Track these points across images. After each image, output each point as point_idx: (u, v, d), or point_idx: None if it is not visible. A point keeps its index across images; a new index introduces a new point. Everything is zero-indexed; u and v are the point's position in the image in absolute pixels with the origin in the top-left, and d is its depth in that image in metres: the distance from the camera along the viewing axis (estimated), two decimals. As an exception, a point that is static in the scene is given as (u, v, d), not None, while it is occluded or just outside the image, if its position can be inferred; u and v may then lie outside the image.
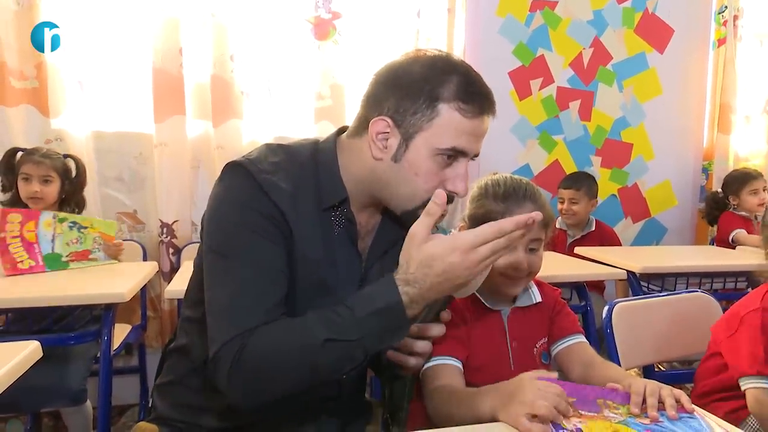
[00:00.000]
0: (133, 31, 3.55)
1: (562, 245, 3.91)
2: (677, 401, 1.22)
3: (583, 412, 1.16)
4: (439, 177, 1.32)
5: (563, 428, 1.10)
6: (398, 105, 1.28)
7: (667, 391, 1.22)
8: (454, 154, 1.31)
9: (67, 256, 2.72)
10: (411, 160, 1.30)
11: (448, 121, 1.27)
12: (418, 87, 1.27)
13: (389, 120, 1.29)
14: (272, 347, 1.21)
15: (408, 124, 1.28)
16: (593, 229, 3.99)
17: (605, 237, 3.98)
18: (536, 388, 1.17)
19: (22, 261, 2.59)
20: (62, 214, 2.74)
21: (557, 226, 3.95)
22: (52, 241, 2.68)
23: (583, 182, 3.95)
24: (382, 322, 1.19)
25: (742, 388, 1.75)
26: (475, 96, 1.28)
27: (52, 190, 2.88)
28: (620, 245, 4.08)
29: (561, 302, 1.75)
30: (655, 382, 1.26)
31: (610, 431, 1.10)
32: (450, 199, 1.36)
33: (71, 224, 2.74)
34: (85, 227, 2.78)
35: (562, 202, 3.95)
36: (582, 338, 1.68)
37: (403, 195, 1.35)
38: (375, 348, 1.22)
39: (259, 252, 1.28)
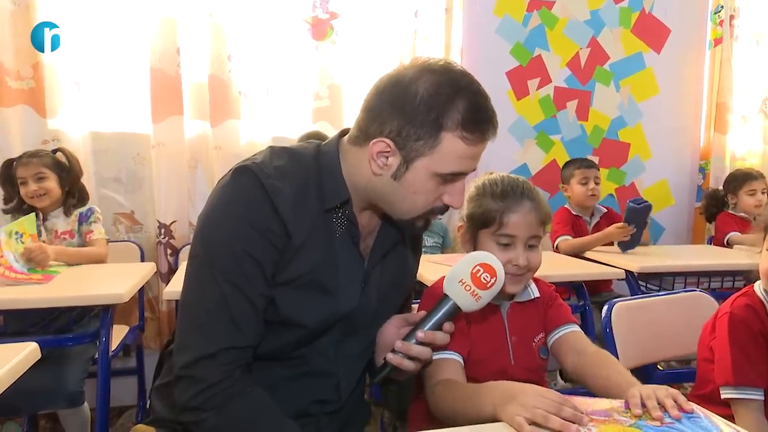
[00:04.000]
0: (130, 31, 3.55)
1: (585, 232, 3.85)
2: (675, 401, 1.21)
3: (593, 417, 1.16)
4: (437, 193, 1.35)
5: None
6: (401, 129, 1.27)
7: (664, 392, 1.22)
8: (453, 177, 1.33)
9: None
10: (410, 181, 1.31)
11: (450, 149, 1.28)
12: (423, 114, 1.25)
13: (390, 142, 1.28)
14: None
15: (410, 148, 1.28)
16: (605, 211, 3.97)
17: (617, 219, 3.93)
18: (539, 393, 1.16)
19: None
20: (6, 228, 2.60)
21: (574, 213, 3.89)
22: (17, 261, 2.57)
23: (592, 163, 3.93)
24: None
25: (722, 397, 1.73)
26: (478, 124, 1.28)
27: (51, 185, 2.92)
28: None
29: (554, 295, 1.75)
30: (650, 386, 1.25)
31: None
32: (445, 209, 1.39)
33: (16, 235, 2.60)
34: (21, 234, 2.63)
35: (585, 183, 3.83)
36: (575, 327, 1.67)
37: (401, 208, 1.37)
38: None
39: (243, 270, 1.29)
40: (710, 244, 4.42)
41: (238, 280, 1.29)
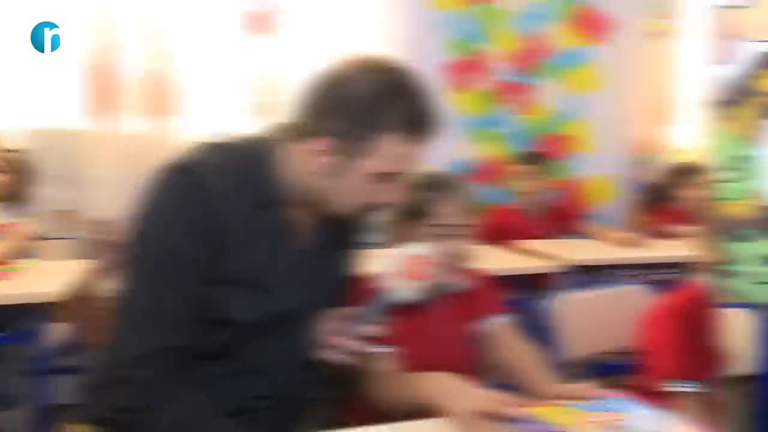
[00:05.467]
0: (69, 25, 3.45)
1: (524, 230, 3.80)
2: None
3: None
4: (375, 191, 1.34)
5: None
6: (340, 129, 1.26)
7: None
8: (392, 177, 1.33)
9: None
10: (348, 179, 1.31)
11: (390, 150, 1.27)
12: (363, 115, 1.25)
13: (329, 142, 1.27)
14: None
15: (349, 148, 1.27)
16: (552, 204, 3.98)
17: (565, 213, 3.98)
18: (484, 391, 1.19)
19: None
20: None
21: (512, 209, 3.91)
22: None
23: (536, 158, 3.94)
24: None
25: (661, 390, 1.77)
26: (420, 125, 1.28)
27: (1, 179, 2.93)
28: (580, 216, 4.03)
29: (484, 283, 1.77)
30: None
31: (563, 413, 1.13)
32: (383, 206, 1.40)
33: None
34: None
35: (518, 179, 3.89)
36: (505, 318, 1.70)
37: (337, 205, 1.37)
38: None
39: (176, 269, 1.28)
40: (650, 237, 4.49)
41: (171, 279, 1.28)
